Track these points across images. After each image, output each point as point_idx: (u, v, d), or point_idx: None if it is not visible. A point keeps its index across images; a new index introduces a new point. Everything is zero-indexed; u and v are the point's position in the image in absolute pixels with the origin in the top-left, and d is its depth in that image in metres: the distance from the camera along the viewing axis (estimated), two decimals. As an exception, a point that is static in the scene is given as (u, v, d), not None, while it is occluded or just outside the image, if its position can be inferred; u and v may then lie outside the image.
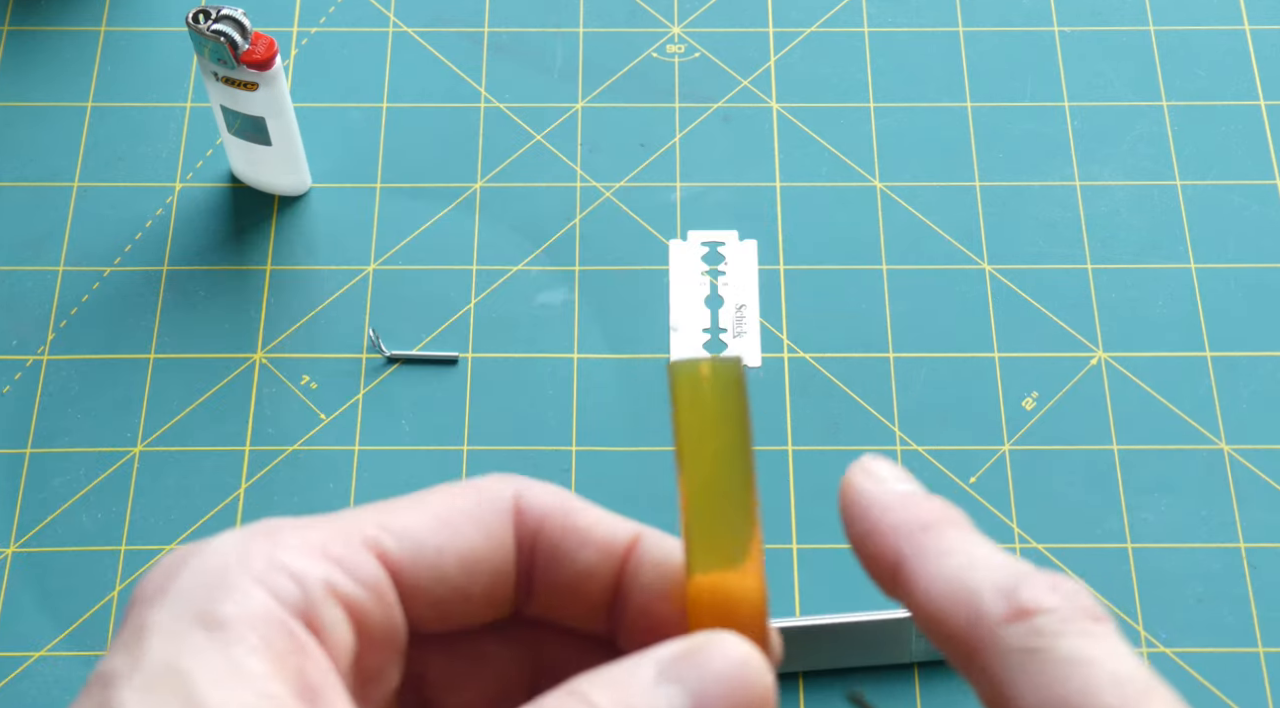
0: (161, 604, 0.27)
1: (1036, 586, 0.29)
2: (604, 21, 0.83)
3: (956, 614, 0.29)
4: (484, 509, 0.31)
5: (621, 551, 0.32)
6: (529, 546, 0.32)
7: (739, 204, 0.77)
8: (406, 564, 0.30)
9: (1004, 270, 0.76)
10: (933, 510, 0.31)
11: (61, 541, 0.69)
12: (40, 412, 0.72)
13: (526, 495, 0.32)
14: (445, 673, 0.33)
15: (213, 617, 0.27)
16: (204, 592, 0.27)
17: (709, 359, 0.31)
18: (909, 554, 0.31)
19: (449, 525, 0.31)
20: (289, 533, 0.29)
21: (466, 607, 0.31)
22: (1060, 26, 0.83)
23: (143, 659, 0.26)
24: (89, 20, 0.83)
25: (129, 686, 0.26)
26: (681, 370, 0.31)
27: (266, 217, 0.77)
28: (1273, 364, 0.73)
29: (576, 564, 0.32)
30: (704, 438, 0.31)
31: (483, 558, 0.31)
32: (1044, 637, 0.28)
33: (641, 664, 0.28)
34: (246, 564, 0.28)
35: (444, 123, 0.80)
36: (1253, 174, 0.78)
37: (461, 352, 0.74)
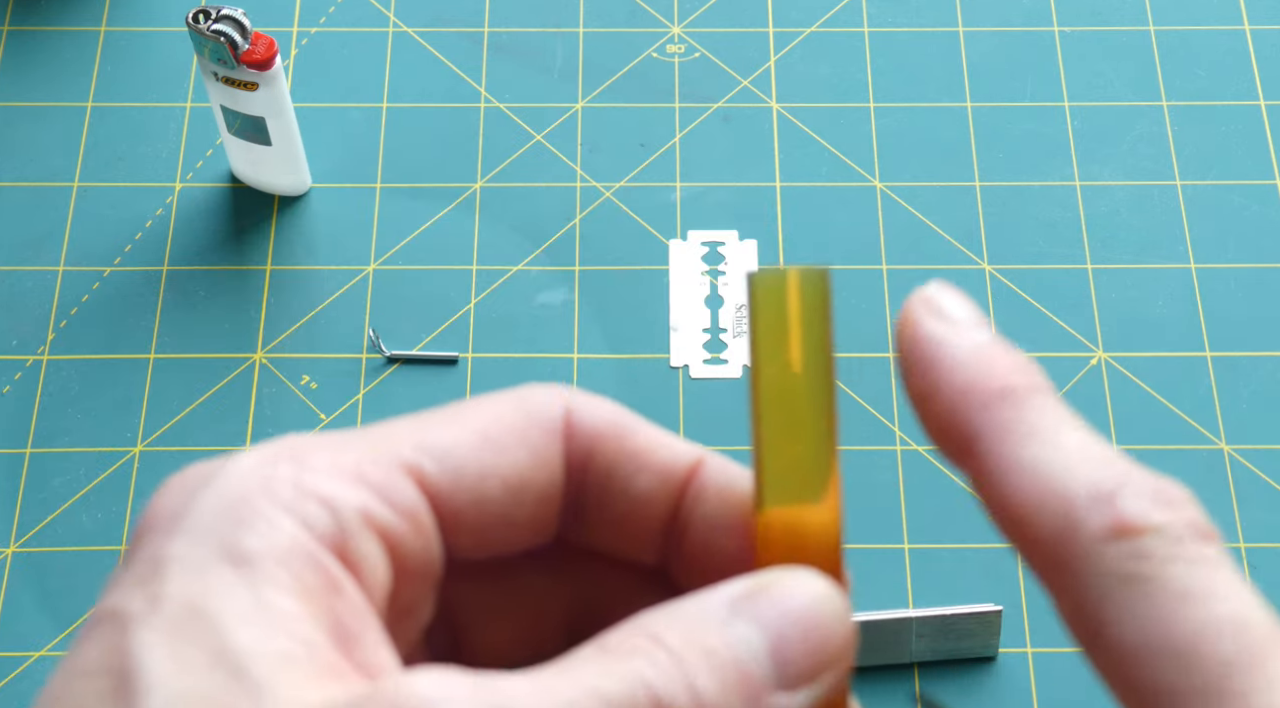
0: (179, 534, 0.25)
1: (1142, 494, 0.25)
2: (604, 21, 0.83)
3: (1043, 520, 0.26)
4: (532, 427, 0.28)
5: (682, 476, 0.29)
6: (580, 468, 0.29)
7: (739, 204, 0.77)
8: (446, 489, 0.27)
9: (1004, 270, 0.76)
10: (1015, 372, 0.27)
11: (61, 541, 0.69)
12: (40, 412, 0.72)
13: (579, 412, 0.29)
14: (477, 603, 0.30)
15: (239, 551, 0.24)
16: (227, 521, 0.25)
17: (796, 268, 0.28)
18: (985, 432, 0.27)
19: (493, 445, 0.28)
20: (318, 454, 0.26)
21: (508, 534, 0.28)
22: (1060, 26, 0.83)
23: (162, 597, 0.24)
24: (89, 20, 0.83)
25: (149, 626, 0.23)
26: (764, 280, 0.28)
27: (266, 217, 0.77)
28: (1273, 364, 0.73)
29: (632, 490, 0.29)
30: (785, 356, 0.28)
31: (529, 482, 0.28)
32: (1151, 562, 0.25)
33: (712, 601, 0.26)
34: (273, 490, 0.25)
35: (444, 123, 0.80)
36: (1253, 174, 0.78)
37: (461, 352, 0.74)
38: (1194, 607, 0.24)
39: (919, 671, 0.66)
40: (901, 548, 0.69)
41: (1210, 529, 0.25)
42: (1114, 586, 0.25)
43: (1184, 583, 0.24)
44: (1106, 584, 0.25)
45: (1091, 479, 0.26)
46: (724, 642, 0.25)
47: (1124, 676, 0.25)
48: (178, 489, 0.26)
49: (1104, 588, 0.25)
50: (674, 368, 0.73)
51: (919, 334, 0.28)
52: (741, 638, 0.25)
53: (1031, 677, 0.66)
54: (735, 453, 0.28)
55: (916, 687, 0.66)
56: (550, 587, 0.30)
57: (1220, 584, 0.25)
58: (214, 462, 0.26)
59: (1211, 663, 0.24)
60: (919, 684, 0.66)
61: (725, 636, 0.25)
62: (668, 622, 0.25)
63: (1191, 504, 0.26)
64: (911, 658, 0.66)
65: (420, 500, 0.27)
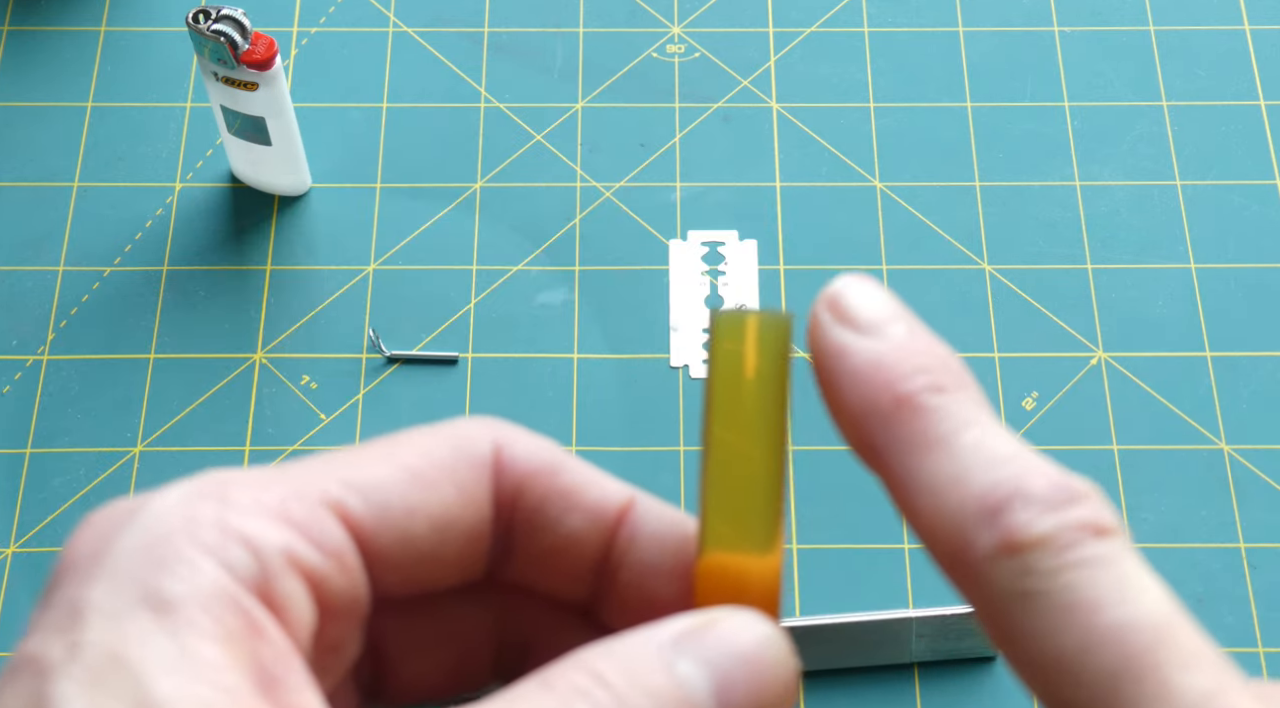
0: (98, 578, 0.24)
1: (1030, 502, 0.25)
2: (604, 21, 0.83)
3: (939, 541, 0.26)
4: (461, 464, 0.28)
5: (612, 516, 0.29)
6: (509, 505, 0.28)
7: (739, 204, 0.77)
8: (372, 527, 0.27)
9: (1004, 270, 0.76)
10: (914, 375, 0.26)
11: (61, 541, 0.69)
12: (40, 412, 0.72)
13: (509, 449, 0.28)
14: (403, 638, 0.30)
15: (159, 596, 0.24)
16: (147, 564, 0.24)
17: (757, 312, 0.27)
18: (885, 448, 0.26)
19: (421, 482, 0.27)
20: (240, 491, 0.26)
21: (436, 571, 0.28)
22: (1060, 26, 0.83)
23: (82, 645, 0.23)
24: (89, 20, 0.83)
25: (68, 677, 0.23)
26: (726, 321, 0.27)
27: (266, 217, 0.77)
28: (1273, 364, 0.73)
29: (561, 529, 0.28)
30: (739, 402, 0.27)
31: (457, 520, 0.27)
32: (1038, 577, 0.24)
33: (655, 638, 0.25)
34: (194, 531, 0.25)
35: (444, 123, 0.80)
36: (1253, 174, 0.78)
37: (461, 352, 0.74)
38: (1081, 618, 0.24)
39: (919, 671, 0.66)
40: (901, 548, 0.69)
41: (1106, 523, 0.25)
42: (1008, 603, 0.24)
43: (1071, 595, 0.24)
44: (1002, 602, 0.25)
45: (981, 490, 0.25)
46: (668, 681, 0.25)
47: (1033, 689, 0.25)
48: (98, 528, 0.25)
49: (1000, 606, 0.25)
50: (674, 368, 0.73)
51: (819, 347, 0.27)
52: (686, 677, 0.25)
53: (1031, 677, 0.66)
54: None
55: (917, 692, 0.66)
56: (478, 621, 0.30)
57: (1110, 588, 0.24)
58: (135, 499, 0.26)
59: (1099, 677, 0.24)
60: (919, 687, 0.66)
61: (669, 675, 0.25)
62: (610, 659, 0.25)
63: (1088, 500, 0.25)
64: (911, 658, 0.66)
65: (345, 539, 0.26)
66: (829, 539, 0.69)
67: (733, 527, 0.27)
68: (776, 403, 0.28)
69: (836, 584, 0.68)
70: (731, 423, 0.27)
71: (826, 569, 0.68)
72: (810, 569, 0.68)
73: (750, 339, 0.28)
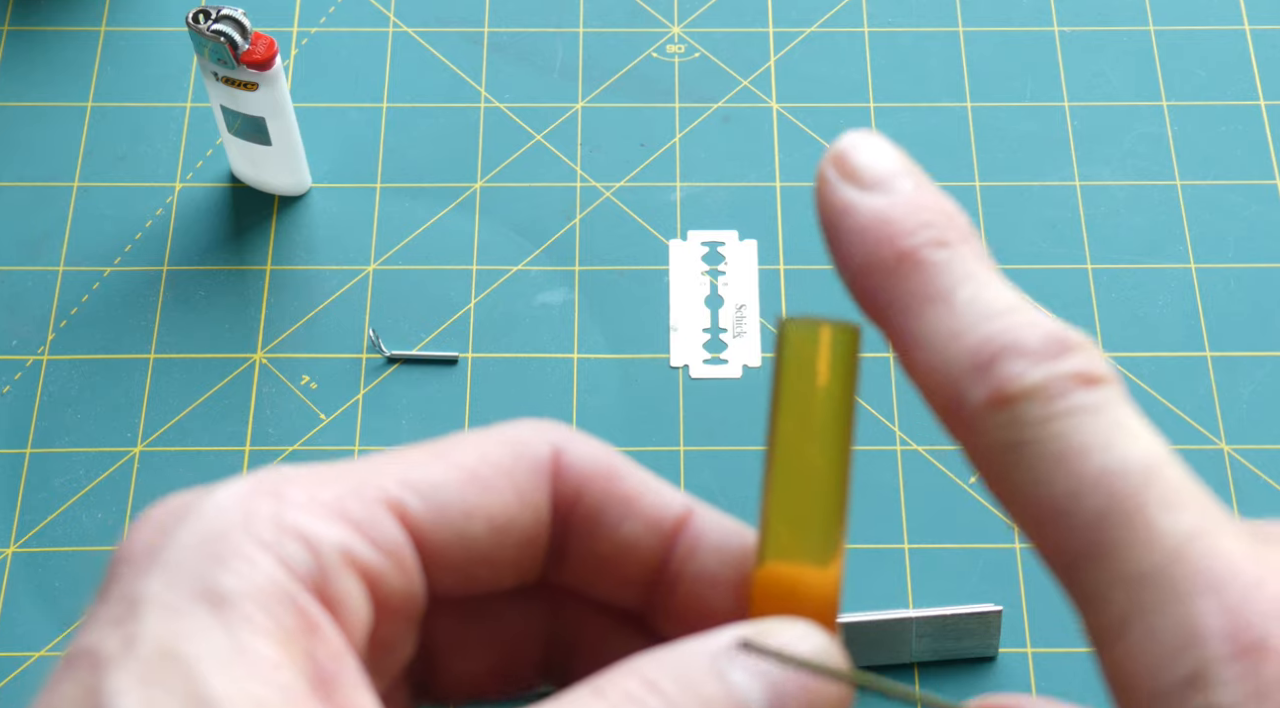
0: (155, 571, 0.24)
1: (1022, 353, 0.24)
2: (604, 21, 0.83)
3: (935, 396, 0.26)
4: (519, 466, 0.28)
5: (670, 525, 0.28)
6: (566, 509, 0.28)
7: (739, 204, 0.77)
8: (430, 527, 0.26)
9: (1004, 270, 0.76)
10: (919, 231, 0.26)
11: (61, 541, 0.69)
12: (40, 412, 0.72)
13: (569, 453, 0.28)
14: (454, 637, 0.29)
15: (216, 591, 0.24)
16: (205, 559, 0.24)
17: (829, 322, 0.27)
18: (888, 304, 0.26)
19: (479, 483, 0.27)
20: (299, 488, 0.25)
21: (492, 573, 0.28)
22: (1060, 26, 0.83)
23: (137, 639, 0.23)
24: (89, 20, 0.83)
25: (123, 670, 0.23)
26: (797, 329, 0.27)
27: (266, 217, 0.77)
28: (1273, 364, 0.73)
29: (618, 536, 0.28)
30: (808, 411, 0.27)
31: (514, 521, 0.27)
32: (1028, 427, 0.24)
33: (709, 647, 0.25)
34: (252, 527, 0.24)
35: (444, 123, 0.80)
36: (1253, 174, 0.78)
37: (461, 352, 0.74)
38: (1069, 465, 0.24)
39: (919, 671, 0.66)
40: (901, 548, 0.69)
41: (1097, 373, 0.25)
42: (1000, 454, 0.24)
43: (1061, 443, 0.24)
44: (995, 453, 0.24)
45: (975, 344, 0.25)
46: (721, 690, 0.25)
47: (1030, 540, 0.25)
48: (156, 522, 0.25)
49: (993, 457, 0.25)
50: (674, 368, 0.73)
51: (825, 205, 0.27)
52: (738, 687, 0.25)
53: (1031, 677, 0.66)
54: (735, 453, 0.28)
55: (917, 690, 0.66)
56: (529, 623, 0.30)
57: (1098, 434, 0.24)
58: (193, 493, 0.26)
59: (1087, 520, 0.23)
60: (919, 687, 0.66)
61: (722, 684, 0.25)
62: (662, 667, 0.25)
63: (1080, 351, 0.25)
64: (911, 658, 0.66)
65: (403, 538, 0.26)
66: (829, 539, 0.69)
67: (794, 537, 0.27)
68: (844, 414, 0.27)
69: (836, 584, 0.68)
70: (799, 433, 0.27)
71: (826, 569, 0.68)
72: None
73: (823, 349, 0.28)
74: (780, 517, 0.27)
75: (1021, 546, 0.69)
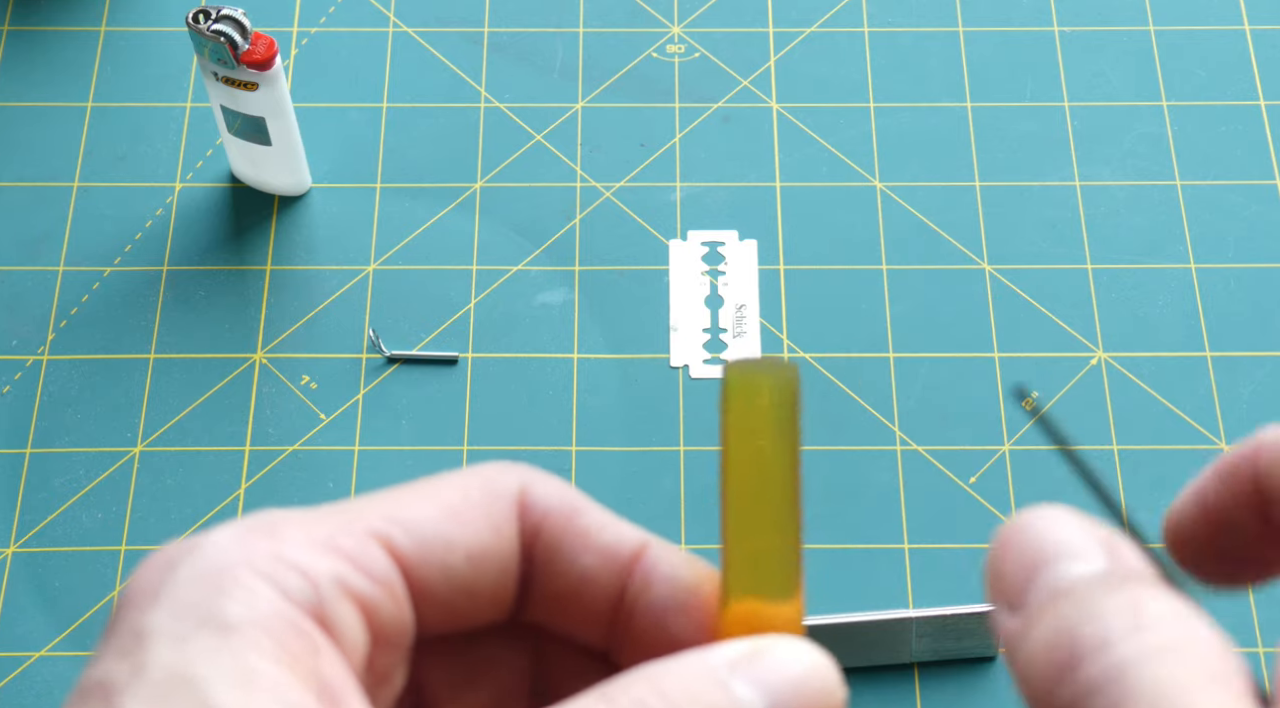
0: (160, 606, 0.25)
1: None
2: (604, 21, 0.83)
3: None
4: (493, 502, 0.29)
5: (626, 559, 0.30)
6: (530, 543, 0.30)
7: (739, 204, 0.77)
8: (415, 559, 0.28)
9: (1004, 270, 0.76)
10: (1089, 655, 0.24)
11: (61, 541, 0.69)
12: (40, 412, 0.72)
13: (532, 490, 0.30)
14: (444, 679, 0.31)
15: (220, 619, 0.25)
16: (207, 591, 0.25)
17: (769, 368, 0.29)
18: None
19: (457, 518, 0.29)
20: (292, 528, 0.27)
21: (472, 605, 0.29)
22: (1060, 26, 0.83)
23: (146, 666, 0.24)
24: (89, 20, 0.83)
25: (134, 696, 0.24)
26: (738, 374, 0.29)
27: (266, 217, 0.77)
28: (1273, 364, 0.73)
29: (576, 568, 0.29)
30: (755, 454, 0.29)
31: (490, 553, 0.29)
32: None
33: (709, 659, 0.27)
34: (250, 560, 0.26)
35: (444, 123, 0.80)
36: (1253, 174, 0.78)
37: (461, 352, 0.74)
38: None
39: (919, 671, 0.66)
40: (901, 548, 0.69)
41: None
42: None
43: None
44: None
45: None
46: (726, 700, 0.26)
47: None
48: (156, 564, 0.26)
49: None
50: (674, 368, 0.73)
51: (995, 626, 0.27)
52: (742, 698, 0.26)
53: (1031, 677, 0.66)
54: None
55: (917, 692, 0.66)
56: (512, 663, 0.31)
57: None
58: (191, 539, 0.26)
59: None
60: (919, 687, 0.66)
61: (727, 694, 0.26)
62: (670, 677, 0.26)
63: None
64: (911, 658, 0.66)
65: (392, 569, 0.28)
66: (829, 539, 0.69)
67: (755, 576, 0.28)
68: (790, 455, 0.29)
69: (836, 584, 0.68)
70: (748, 476, 0.29)
71: (826, 569, 0.68)
72: (811, 569, 0.68)
73: (764, 398, 0.29)
74: (739, 557, 0.28)
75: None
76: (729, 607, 0.28)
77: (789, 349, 0.74)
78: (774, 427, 0.29)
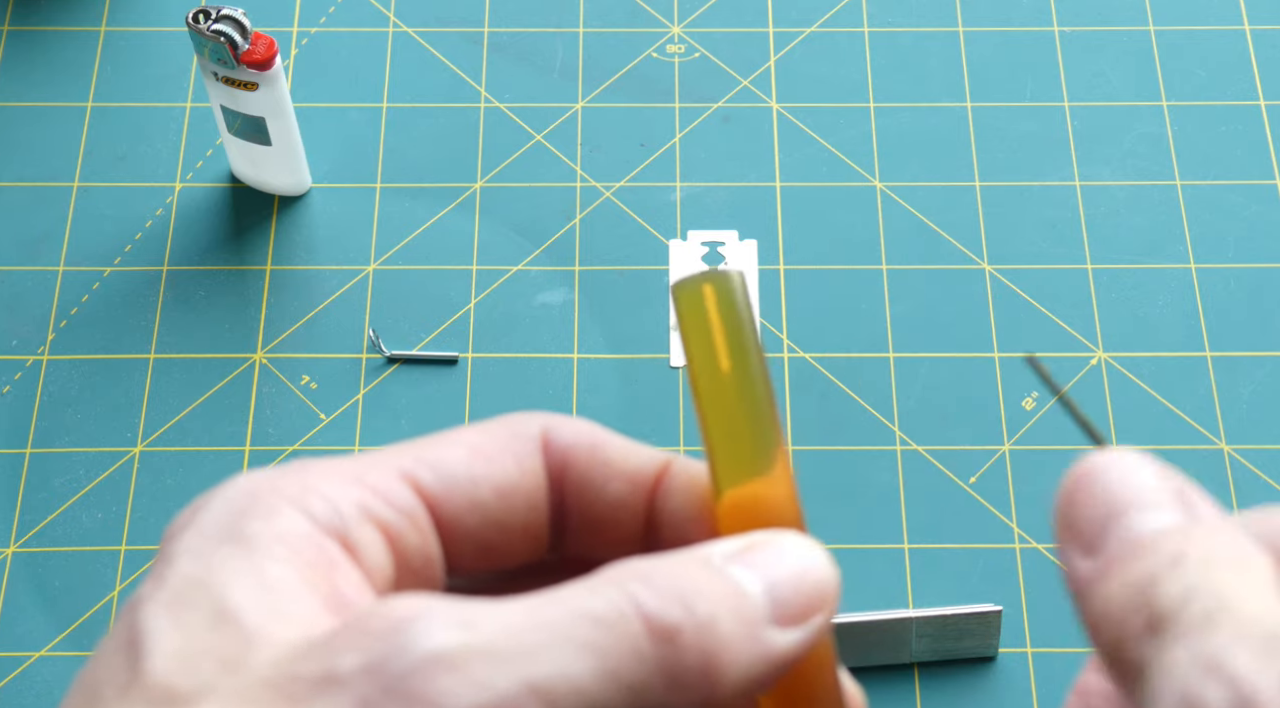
0: (187, 531, 0.27)
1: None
2: (604, 21, 0.83)
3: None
4: (515, 440, 0.30)
5: (650, 480, 0.31)
6: (559, 479, 0.31)
7: (739, 204, 0.77)
8: (441, 493, 0.29)
9: (1004, 270, 0.76)
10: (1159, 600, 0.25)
11: (61, 541, 0.69)
12: (40, 412, 0.72)
13: (554, 429, 0.31)
14: None
15: (240, 533, 0.27)
16: (231, 515, 0.27)
17: (710, 277, 0.30)
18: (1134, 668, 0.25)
19: (482, 456, 0.30)
20: (320, 466, 0.29)
21: (504, 541, 0.30)
22: (1060, 26, 0.83)
23: (169, 579, 0.26)
24: (89, 20, 0.83)
25: (155, 602, 0.26)
26: (684, 291, 0.30)
27: (266, 217, 0.77)
28: (1273, 364, 0.73)
29: (606, 496, 0.31)
30: (712, 354, 0.30)
31: (517, 487, 0.30)
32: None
33: (703, 552, 0.28)
34: (277, 488, 0.28)
35: (444, 123, 0.80)
36: (1253, 174, 0.78)
37: (461, 352, 0.74)
38: None
39: (919, 671, 0.66)
40: (901, 548, 0.69)
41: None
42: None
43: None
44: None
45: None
46: (721, 578, 0.27)
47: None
48: (192, 505, 0.28)
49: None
50: (674, 368, 0.73)
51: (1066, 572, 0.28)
52: (738, 577, 0.27)
53: (1031, 677, 0.66)
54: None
55: (917, 692, 0.66)
56: None
57: None
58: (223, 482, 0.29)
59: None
60: (919, 687, 0.66)
61: (722, 575, 0.27)
62: (658, 563, 0.27)
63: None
64: (911, 658, 0.66)
65: (416, 502, 0.29)
66: (829, 539, 0.69)
67: (733, 461, 0.30)
68: (743, 347, 0.30)
69: (836, 584, 0.68)
70: (710, 376, 0.30)
71: (826, 569, 0.68)
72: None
73: (709, 299, 0.30)
74: (718, 448, 0.30)
75: (1021, 546, 0.69)
76: (720, 503, 0.30)
77: (789, 349, 0.74)
78: (723, 328, 0.30)
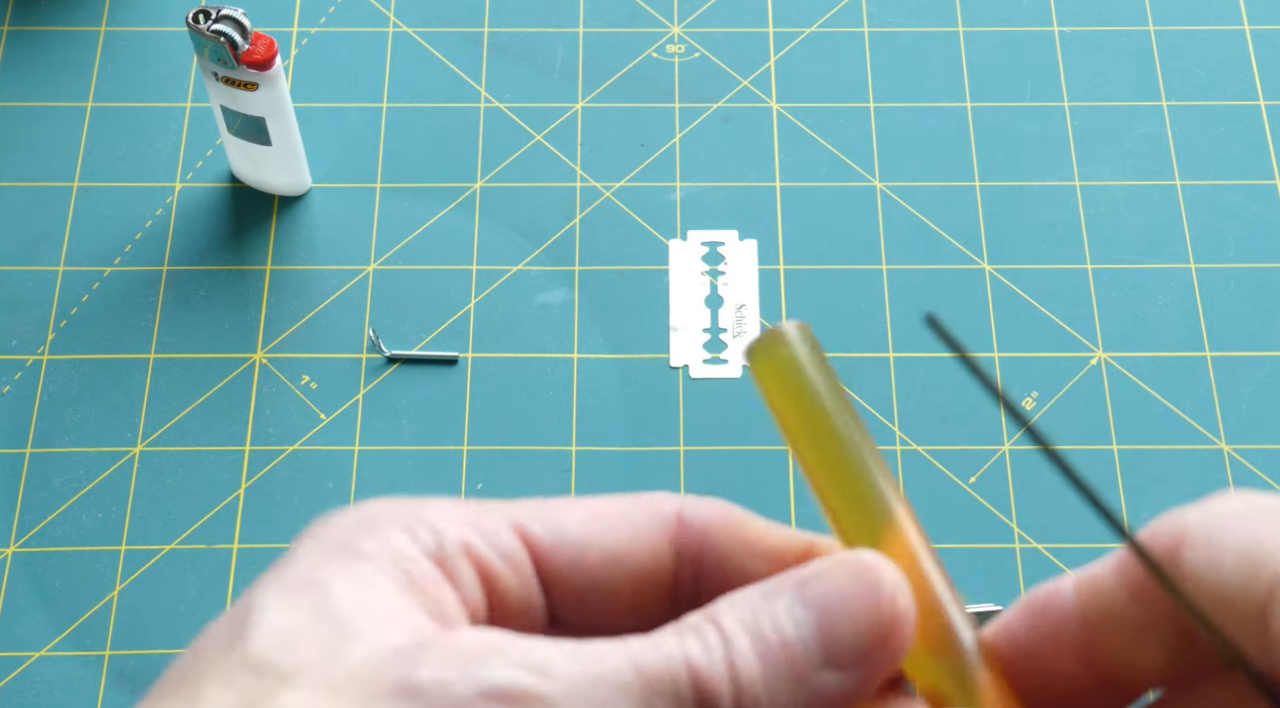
0: (308, 541, 0.29)
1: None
2: (604, 21, 0.83)
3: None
4: (639, 511, 0.31)
5: (793, 561, 0.31)
6: (694, 557, 0.31)
7: (739, 204, 0.77)
8: (549, 548, 0.30)
9: (1004, 270, 0.76)
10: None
11: (61, 541, 0.69)
12: (40, 412, 0.72)
13: (689, 509, 0.32)
14: None
15: (355, 548, 0.29)
16: (350, 532, 0.29)
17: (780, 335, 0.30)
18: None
19: (599, 520, 0.31)
20: (439, 503, 0.30)
21: (604, 601, 0.31)
22: (1060, 26, 0.83)
23: (286, 574, 0.29)
24: (89, 20, 0.83)
25: (268, 585, 0.28)
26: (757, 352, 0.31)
27: (266, 217, 0.77)
28: (1273, 364, 0.73)
29: (745, 572, 0.31)
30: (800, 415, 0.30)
31: (628, 556, 0.31)
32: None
33: (777, 582, 0.29)
34: (393, 517, 0.30)
35: (444, 123, 0.80)
36: (1253, 174, 0.78)
37: (461, 352, 0.74)
38: None
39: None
40: (901, 548, 0.69)
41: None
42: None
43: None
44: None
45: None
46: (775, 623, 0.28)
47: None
48: (318, 521, 0.30)
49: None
50: (674, 368, 0.73)
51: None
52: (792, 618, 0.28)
53: (1031, 677, 0.66)
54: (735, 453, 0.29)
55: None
56: None
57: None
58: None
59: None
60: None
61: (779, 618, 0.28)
62: (731, 603, 0.29)
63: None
64: (911, 658, 0.66)
65: (520, 550, 0.30)
66: (829, 539, 0.69)
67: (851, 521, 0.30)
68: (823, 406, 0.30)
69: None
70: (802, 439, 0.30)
71: (826, 569, 0.68)
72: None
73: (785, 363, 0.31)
74: (834, 512, 0.30)
75: (1021, 546, 0.69)
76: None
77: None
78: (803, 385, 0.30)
